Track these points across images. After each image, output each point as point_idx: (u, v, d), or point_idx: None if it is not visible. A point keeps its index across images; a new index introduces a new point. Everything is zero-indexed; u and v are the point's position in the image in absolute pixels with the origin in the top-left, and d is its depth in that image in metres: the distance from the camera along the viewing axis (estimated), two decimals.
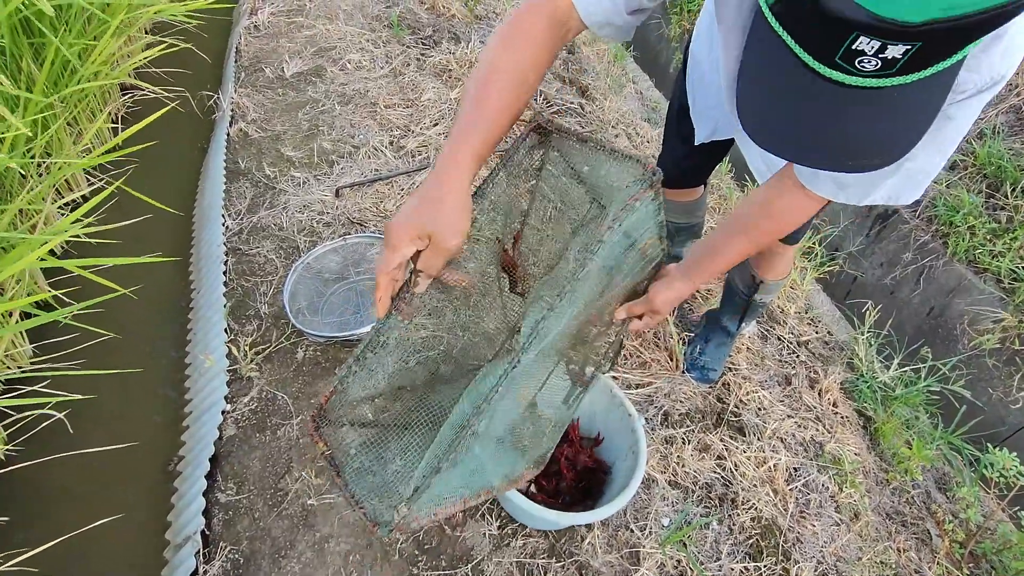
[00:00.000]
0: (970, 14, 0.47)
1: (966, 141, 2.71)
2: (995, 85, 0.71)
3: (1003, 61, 0.69)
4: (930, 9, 0.47)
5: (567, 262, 0.90)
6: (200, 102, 2.49)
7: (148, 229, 1.94)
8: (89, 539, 1.29)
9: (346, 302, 1.75)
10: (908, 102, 0.57)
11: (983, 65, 0.69)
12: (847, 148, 0.62)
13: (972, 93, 0.72)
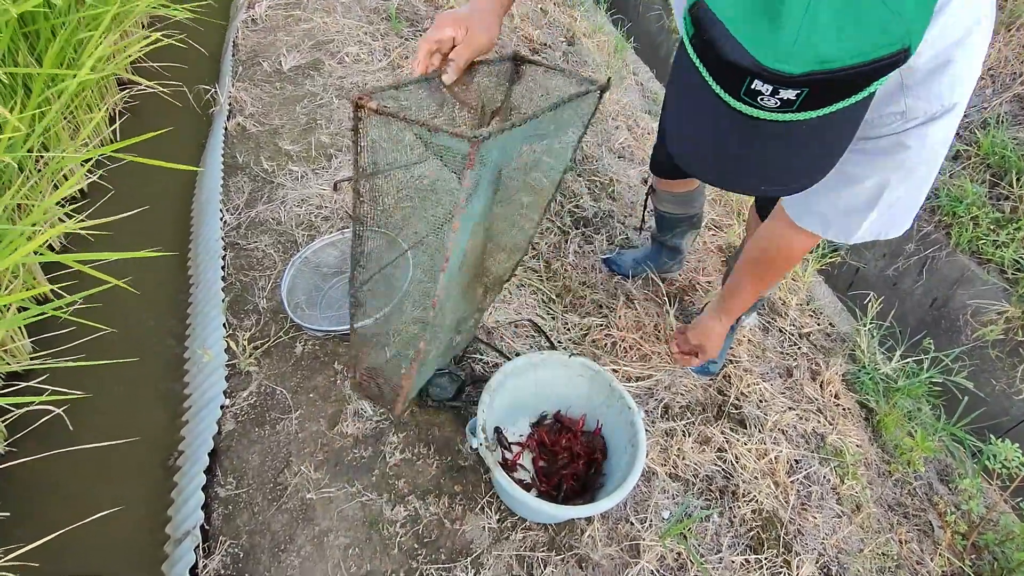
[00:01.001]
0: (841, 68, 0.52)
1: (969, 131, 2.69)
2: (948, 113, 0.74)
3: (951, 91, 0.73)
4: (806, 63, 0.52)
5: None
6: (198, 96, 2.47)
7: (146, 224, 1.94)
8: (89, 534, 1.29)
9: (344, 296, 1.74)
10: (814, 134, 0.60)
11: (931, 94, 0.73)
12: (762, 174, 0.66)
13: (923, 120, 0.75)
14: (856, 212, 0.87)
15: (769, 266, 1.13)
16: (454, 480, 1.38)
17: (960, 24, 0.68)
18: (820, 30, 0.51)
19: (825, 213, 0.91)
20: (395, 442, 1.42)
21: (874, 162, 0.81)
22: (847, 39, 0.51)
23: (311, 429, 1.43)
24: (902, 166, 0.80)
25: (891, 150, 0.79)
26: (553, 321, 1.74)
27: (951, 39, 0.69)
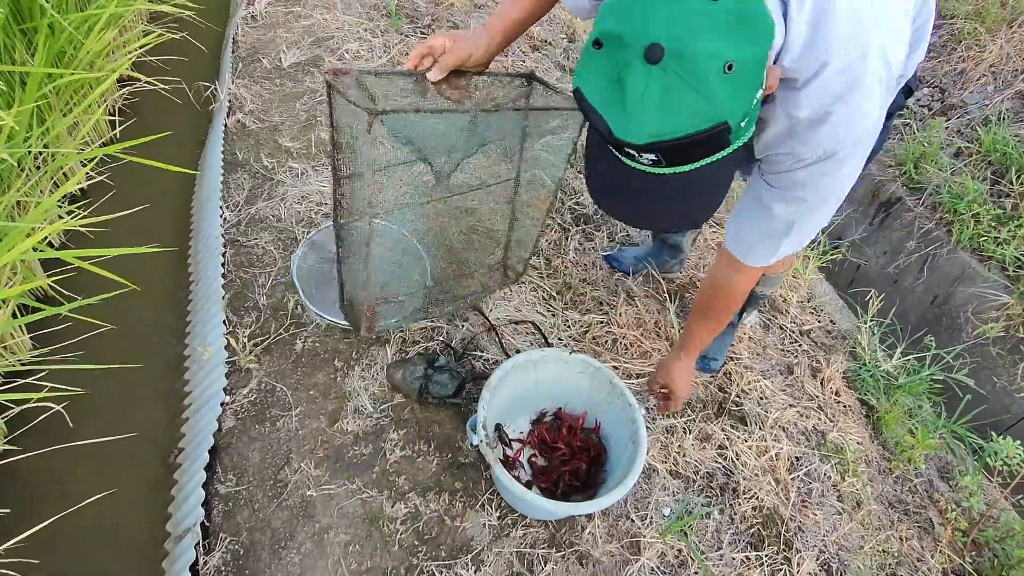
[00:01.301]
0: (670, 140, 0.68)
1: (970, 128, 2.68)
2: (831, 157, 0.88)
3: (831, 139, 0.86)
4: (643, 136, 0.69)
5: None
6: (197, 93, 2.47)
7: (146, 221, 1.94)
8: (89, 530, 1.30)
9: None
10: (687, 185, 0.75)
11: (813, 141, 0.87)
12: (655, 214, 0.83)
13: (811, 162, 0.90)
14: (774, 237, 1.03)
15: (717, 307, 1.26)
16: (454, 477, 1.38)
17: (837, 85, 0.82)
18: (649, 113, 0.67)
19: (751, 241, 1.07)
20: (395, 439, 1.42)
21: (782, 195, 0.97)
22: (667, 120, 0.67)
23: (311, 426, 1.43)
24: (802, 199, 0.96)
25: (791, 186, 0.95)
26: (553, 318, 1.74)
27: (829, 97, 0.83)
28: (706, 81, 0.65)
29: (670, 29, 0.65)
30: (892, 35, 0.84)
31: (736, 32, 0.66)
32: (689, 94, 0.66)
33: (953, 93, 2.85)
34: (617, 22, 0.68)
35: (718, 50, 0.65)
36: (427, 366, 1.47)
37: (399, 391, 1.49)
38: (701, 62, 0.65)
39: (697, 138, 0.68)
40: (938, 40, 3.06)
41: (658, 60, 0.65)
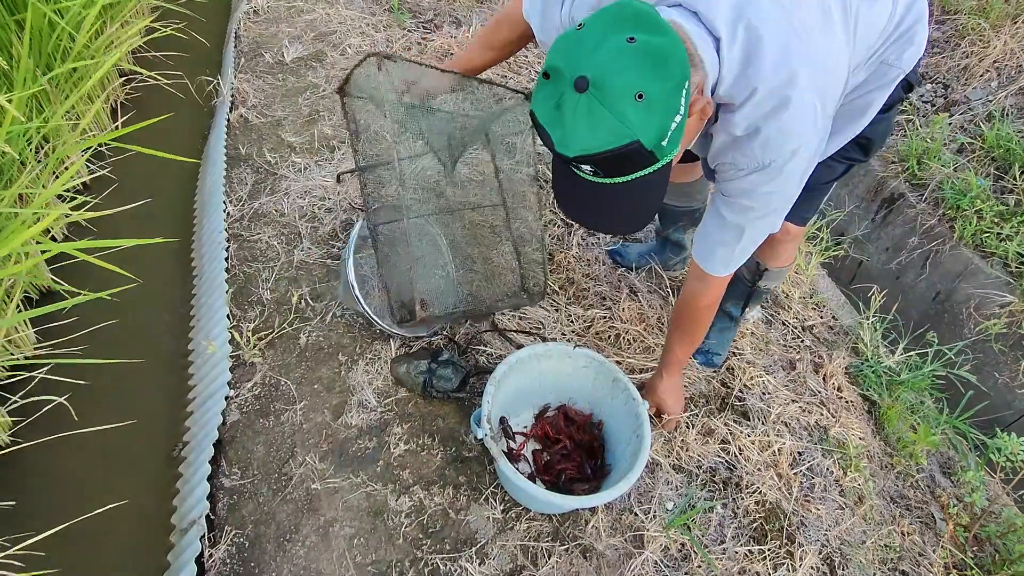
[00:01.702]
0: (595, 153, 0.83)
1: (974, 124, 2.68)
2: (769, 166, 0.99)
3: (764, 151, 0.98)
4: (574, 150, 0.83)
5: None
6: (200, 88, 2.46)
7: (149, 216, 1.94)
8: (95, 523, 1.30)
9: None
10: (626, 193, 0.89)
11: (749, 154, 0.99)
12: (601, 215, 0.94)
13: (748, 172, 1.01)
14: (728, 244, 1.14)
15: (687, 321, 1.34)
16: (458, 471, 1.38)
17: (766, 106, 0.93)
18: (579, 131, 0.81)
19: (710, 249, 1.18)
20: (399, 433, 1.42)
21: (731, 202, 1.09)
22: (591, 137, 0.81)
23: (316, 420, 1.43)
24: (748, 207, 1.07)
25: (737, 194, 1.06)
26: (557, 313, 1.74)
27: (759, 116, 0.94)
28: (620, 107, 0.79)
29: (594, 64, 0.80)
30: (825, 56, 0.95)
31: (648, 68, 0.80)
32: (607, 118, 0.80)
33: (956, 89, 2.84)
34: (558, 58, 0.83)
35: (630, 82, 0.79)
36: (431, 360, 1.47)
37: (403, 385, 1.50)
38: (616, 91, 0.79)
39: (616, 153, 0.82)
40: (942, 36, 3.05)
41: (584, 89, 0.80)
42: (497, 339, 1.64)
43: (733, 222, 1.11)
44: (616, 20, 0.82)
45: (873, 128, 1.23)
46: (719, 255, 1.17)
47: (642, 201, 0.93)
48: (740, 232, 1.12)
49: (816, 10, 0.95)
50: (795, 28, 0.92)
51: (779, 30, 0.91)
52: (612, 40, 0.80)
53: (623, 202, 0.91)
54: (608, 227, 1.06)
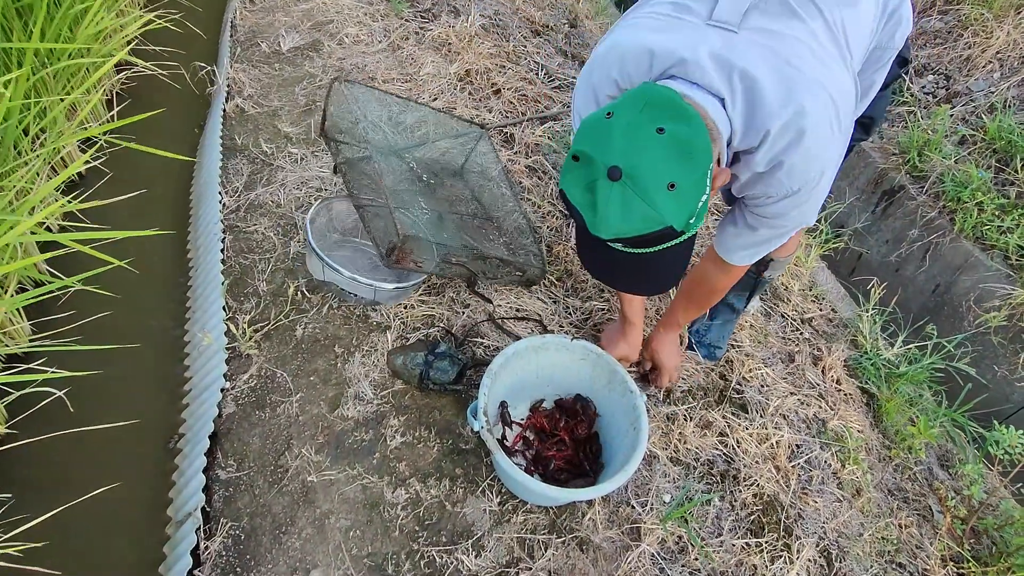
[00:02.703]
0: (629, 237, 0.87)
1: (976, 116, 2.66)
2: (796, 194, 1.02)
3: (789, 181, 1.00)
4: (609, 233, 0.87)
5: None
6: (196, 78, 2.44)
7: (145, 207, 1.93)
8: (91, 515, 1.29)
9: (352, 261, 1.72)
10: (653, 262, 0.93)
11: (774, 184, 1.02)
12: (628, 281, 1.03)
13: (781, 198, 1.04)
14: (755, 246, 1.20)
15: (701, 294, 1.40)
16: (455, 463, 1.38)
17: (782, 141, 0.95)
18: (612, 217, 0.85)
19: (735, 248, 1.22)
20: (396, 425, 1.42)
21: (763, 221, 1.12)
22: (625, 223, 0.85)
23: (312, 412, 1.43)
24: (781, 224, 1.12)
25: (770, 215, 1.10)
26: (555, 305, 1.73)
27: (778, 151, 0.97)
28: (653, 196, 0.83)
29: (626, 155, 0.83)
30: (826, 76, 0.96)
31: (678, 159, 0.84)
32: (641, 205, 0.84)
33: (958, 80, 2.82)
34: (588, 145, 0.86)
35: (663, 174, 0.83)
36: (427, 352, 1.46)
37: (399, 377, 1.49)
38: (649, 182, 0.83)
39: (648, 236, 0.86)
40: (944, 26, 3.03)
41: (618, 179, 0.83)
42: (494, 331, 1.63)
43: (764, 234, 1.15)
44: (644, 108, 0.85)
45: (873, 107, 1.27)
46: (743, 254, 1.22)
47: (668, 267, 0.98)
48: (768, 240, 1.17)
49: (801, 34, 0.96)
50: (786, 59, 0.93)
51: (770, 67, 0.93)
52: (643, 131, 0.83)
53: (649, 268, 0.96)
54: (635, 290, 1.13)
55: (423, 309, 1.64)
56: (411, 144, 1.82)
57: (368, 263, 1.75)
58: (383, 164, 1.59)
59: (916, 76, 2.95)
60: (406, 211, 1.55)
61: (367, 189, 1.62)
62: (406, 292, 1.61)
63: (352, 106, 1.65)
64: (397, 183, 1.64)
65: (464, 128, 1.88)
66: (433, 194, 1.75)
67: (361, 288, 1.51)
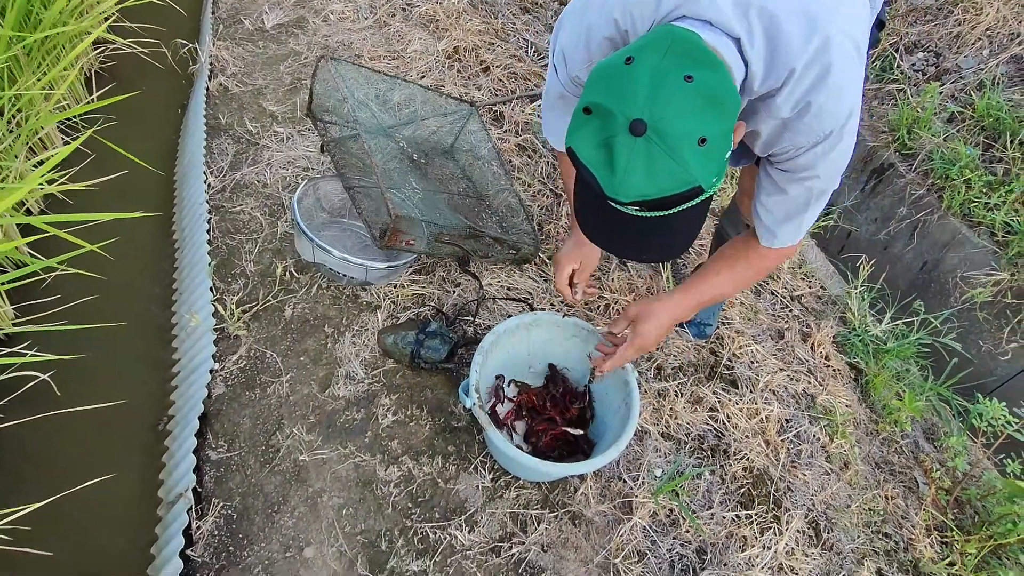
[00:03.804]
0: (652, 199, 0.79)
1: (965, 93, 2.66)
2: (830, 135, 0.93)
3: (820, 123, 0.91)
4: (630, 196, 0.79)
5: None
6: (177, 56, 2.39)
7: (129, 187, 1.89)
8: (81, 498, 1.28)
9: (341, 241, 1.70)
10: (666, 226, 0.84)
11: (806, 131, 0.93)
12: (639, 247, 0.92)
13: (808, 147, 0.95)
14: (793, 216, 1.08)
15: (744, 278, 1.26)
16: (447, 441, 1.38)
17: (807, 80, 0.88)
18: (634, 177, 0.77)
19: (774, 225, 1.11)
20: (387, 404, 1.41)
21: (794, 177, 1.02)
22: (650, 184, 0.77)
23: (302, 392, 1.42)
24: (810, 178, 1.01)
25: (800, 169, 1.00)
26: (546, 283, 1.73)
27: (804, 91, 0.89)
28: (682, 153, 0.75)
29: (651, 106, 0.74)
30: (845, 15, 0.89)
31: (708, 110, 0.76)
32: (668, 163, 0.76)
33: (948, 57, 2.82)
34: (604, 95, 0.78)
35: (692, 127, 0.75)
36: (419, 331, 1.45)
37: (390, 356, 1.48)
38: (678, 137, 0.75)
39: (674, 196, 0.79)
40: (934, 3, 3.02)
41: (641, 133, 0.75)
42: (485, 309, 1.63)
43: (798, 195, 1.04)
44: (667, 53, 0.77)
45: None
46: (786, 230, 1.10)
47: (684, 231, 0.90)
48: (806, 203, 1.06)
49: None
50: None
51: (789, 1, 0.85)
52: (670, 79, 0.75)
53: (664, 233, 0.88)
54: (645, 257, 1.03)
55: (413, 288, 1.63)
56: (399, 123, 1.79)
57: (358, 243, 1.73)
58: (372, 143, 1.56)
59: (906, 53, 2.94)
60: (397, 191, 1.53)
61: (355, 169, 1.60)
62: (397, 271, 1.60)
63: (338, 84, 1.61)
64: (387, 162, 1.62)
65: (453, 106, 1.86)
66: (423, 173, 1.73)
67: (352, 268, 1.50)
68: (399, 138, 1.75)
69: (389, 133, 1.73)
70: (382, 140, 1.68)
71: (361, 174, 1.57)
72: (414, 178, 1.64)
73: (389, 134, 1.73)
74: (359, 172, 1.59)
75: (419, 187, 1.62)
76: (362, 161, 1.58)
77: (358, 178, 1.55)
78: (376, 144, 1.63)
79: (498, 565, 1.21)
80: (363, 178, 1.56)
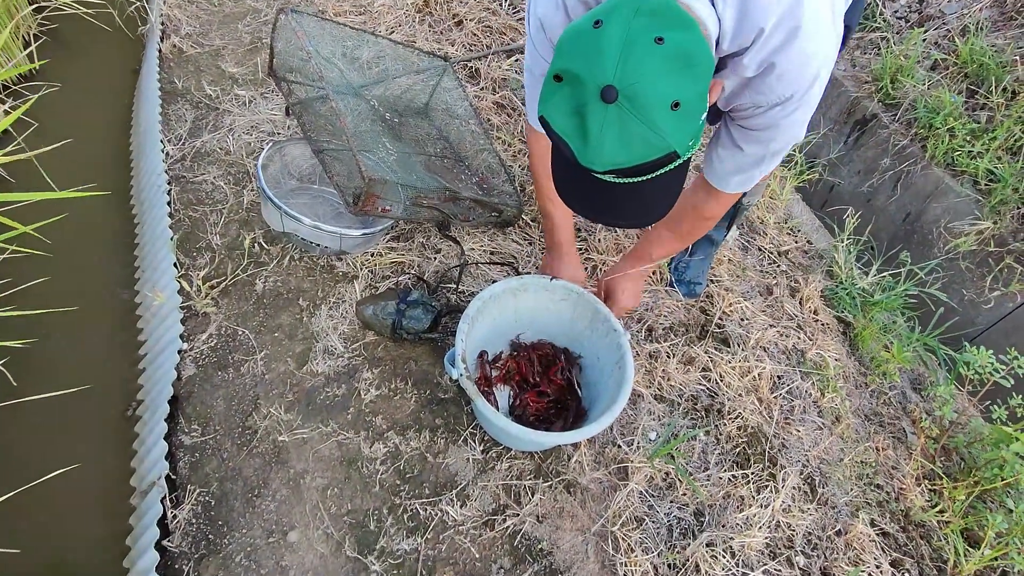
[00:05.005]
0: (627, 168, 0.77)
1: (948, 39, 2.61)
2: (790, 98, 0.91)
3: (783, 85, 0.90)
4: (604, 164, 0.77)
5: None
6: (125, 15, 2.21)
7: (79, 159, 1.76)
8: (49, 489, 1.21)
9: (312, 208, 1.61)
10: (651, 189, 0.83)
11: (766, 90, 0.91)
12: (617, 213, 0.89)
13: (771, 106, 0.94)
14: (745, 169, 1.08)
15: (689, 231, 1.29)
16: (434, 413, 1.32)
17: (775, 40, 0.85)
18: (608, 145, 0.75)
19: (725, 174, 1.12)
20: (370, 378, 1.35)
21: (751, 135, 1.02)
22: (623, 151, 0.75)
23: (279, 370, 1.35)
24: (770, 138, 1.00)
25: (758, 127, 0.99)
26: (530, 247, 1.66)
27: (769, 52, 0.86)
28: (655, 118, 0.73)
29: (622, 71, 0.71)
30: None
31: (680, 73, 0.73)
32: (641, 129, 0.73)
33: (931, 3, 2.76)
34: (574, 61, 0.74)
35: (665, 91, 0.73)
36: (399, 301, 1.38)
37: (371, 328, 1.41)
38: (650, 102, 0.72)
39: (650, 163, 0.76)
40: None
41: (613, 100, 0.72)
42: (469, 275, 1.56)
43: (752, 152, 1.04)
44: (637, 14, 0.73)
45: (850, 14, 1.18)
46: (735, 180, 1.11)
47: (661, 195, 0.88)
48: (760, 160, 1.05)
49: None
50: None
51: None
52: (640, 42, 0.71)
53: (642, 198, 0.86)
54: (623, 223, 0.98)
55: (392, 256, 1.55)
56: (370, 81, 1.68)
57: (330, 210, 1.64)
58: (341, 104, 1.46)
59: (889, 0, 2.87)
60: (370, 153, 1.43)
61: (324, 131, 1.50)
62: (373, 239, 1.52)
63: (302, 41, 1.49)
64: (358, 124, 1.52)
65: (426, 62, 1.75)
66: (397, 134, 1.63)
67: (325, 237, 1.41)
68: (370, 97, 1.64)
69: (359, 92, 1.62)
70: (352, 100, 1.58)
71: (331, 136, 1.48)
72: (387, 140, 1.55)
73: (359, 94, 1.62)
74: (328, 135, 1.49)
75: (393, 149, 1.52)
76: (331, 123, 1.48)
77: (327, 140, 1.45)
78: (346, 105, 1.52)
79: (492, 539, 1.17)
80: (333, 141, 1.46)
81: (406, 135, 1.65)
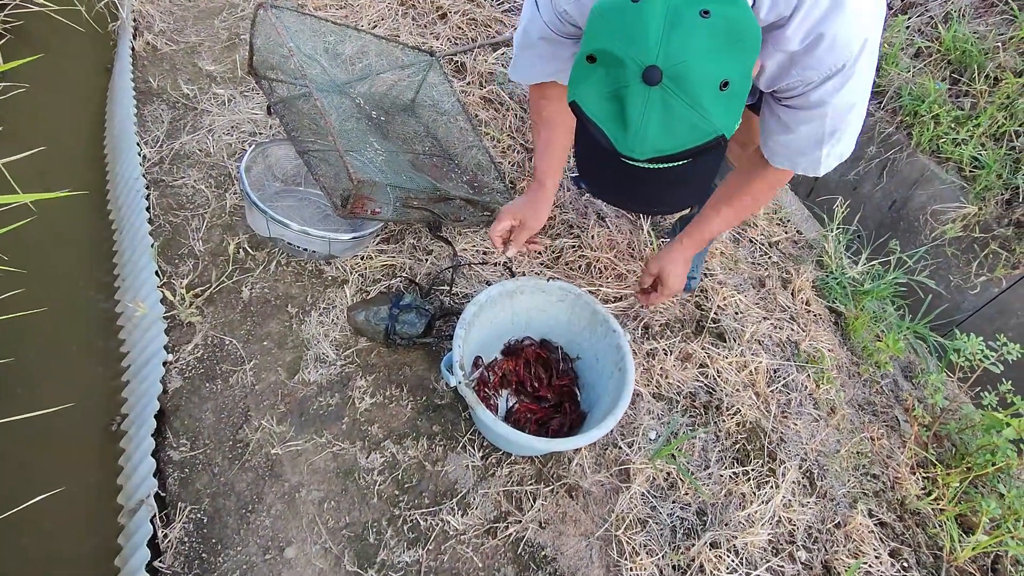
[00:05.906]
0: (671, 155, 0.72)
1: (931, 26, 2.62)
2: (842, 69, 0.85)
3: (833, 55, 0.83)
4: (646, 153, 0.73)
5: None
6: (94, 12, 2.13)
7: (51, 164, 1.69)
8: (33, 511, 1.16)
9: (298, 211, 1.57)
10: (678, 178, 0.83)
11: (816, 64, 0.85)
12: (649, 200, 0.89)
13: (819, 82, 0.87)
14: (807, 151, 1.00)
15: (751, 203, 1.19)
16: (431, 420, 1.30)
17: (819, 8, 0.80)
18: (651, 132, 0.70)
19: (791, 155, 1.03)
20: (363, 386, 1.32)
21: (798, 115, 0.94)
22: (668, 138, 0.70)
23: (269, 380, 1.31)
24: (819, 117, 0.93)
25: (807, 106, 0.92)
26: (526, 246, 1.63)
27: (815, 21, 0.80)
28: (703, 100, 0.68)
29: (666, 50, 0.65)
30: None
31: (728, 49, 0.68)
32: (687, 112, 0.68)
33: None
34: (611, 39, 0.68)
35: (714, 70, 0.67)
36: (392, 306, 1.35)
37: (363, 334, 1.38)
38: (698, 83, 0.67)
39: (695, 150, 0.72)
40: None
41: (656, 82, 0.67)
42: (462, 276, 1.53)
43: (806, 135, 0.96)
44: None
45: None
46: (806, 161, 1.03)
47: (699, 180, 0.86)
48: (818, 143, 0.97)
49: None
50: None
51: None
52: (686, 17, 0.66)
53: (679, 183, 0.84)
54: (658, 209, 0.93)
55: (382, 259, 1.52)
56: (354, 78, 1.63)
57: (317, 212, 1.59)
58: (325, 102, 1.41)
59: None
60: (357, 153, 1.39)
61: (308, 131, 1.45)
62: (363, 242, 1.48)
63: (282, 37, 1.44)
64: (343, 122, 1.47)
65: (411, 57, 1.70)
66: (384, 133, 1.59)
67: (313, 241, 1.37)
68: (355, 95, 1.59)
69: (343, 90, 1.57)
70: (336, 98, 1.53)
71: (315, 136, 1.43)
72: (374, 138, 1.50)
73: (343, 91, 1.57)
74: (313, 134, 1.44)
75: (381, 148, 1.48)
76: (315, 122, 1.43)
77: (312, 140, 1.40)
78: (330, 103, 1.48)
79: (495, 547, 1.15)
80: (318, 141, 1.42)
81: (393, 133, 1.61)
